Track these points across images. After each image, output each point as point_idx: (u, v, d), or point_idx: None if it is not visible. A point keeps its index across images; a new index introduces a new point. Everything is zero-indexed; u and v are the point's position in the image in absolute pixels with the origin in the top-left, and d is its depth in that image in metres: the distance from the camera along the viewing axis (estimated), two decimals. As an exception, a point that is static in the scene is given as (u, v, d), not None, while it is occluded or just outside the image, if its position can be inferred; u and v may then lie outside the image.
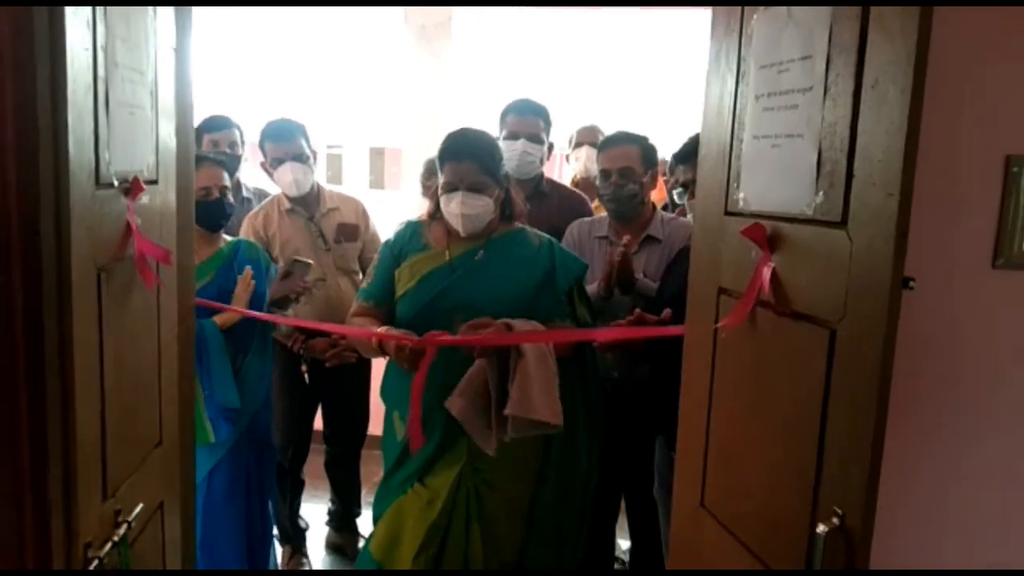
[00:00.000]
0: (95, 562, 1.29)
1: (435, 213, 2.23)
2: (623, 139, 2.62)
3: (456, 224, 2.14)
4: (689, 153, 2.10)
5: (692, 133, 2.18)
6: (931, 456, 1.31)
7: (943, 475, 1.32)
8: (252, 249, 2.66)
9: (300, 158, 2.93)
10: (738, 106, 1.38)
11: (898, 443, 1.18)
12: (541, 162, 2.94)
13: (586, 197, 3.07)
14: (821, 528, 1.11)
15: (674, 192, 2.37)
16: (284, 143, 2.93)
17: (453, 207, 2.12)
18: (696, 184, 1.61)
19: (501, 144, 2.91)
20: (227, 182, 2.51)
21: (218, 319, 2.44)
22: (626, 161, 2.54)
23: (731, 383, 1.43)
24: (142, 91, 1.50)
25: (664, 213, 2.71)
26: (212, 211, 2.46)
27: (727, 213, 1.42)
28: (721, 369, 1.46)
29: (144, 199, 1.46)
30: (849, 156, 1.08)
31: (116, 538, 1.38)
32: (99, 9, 1.26)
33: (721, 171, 1.43)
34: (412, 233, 2.28)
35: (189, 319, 1.91)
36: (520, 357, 1.94)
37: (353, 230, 3.08)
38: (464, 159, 2.12)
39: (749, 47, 1.34)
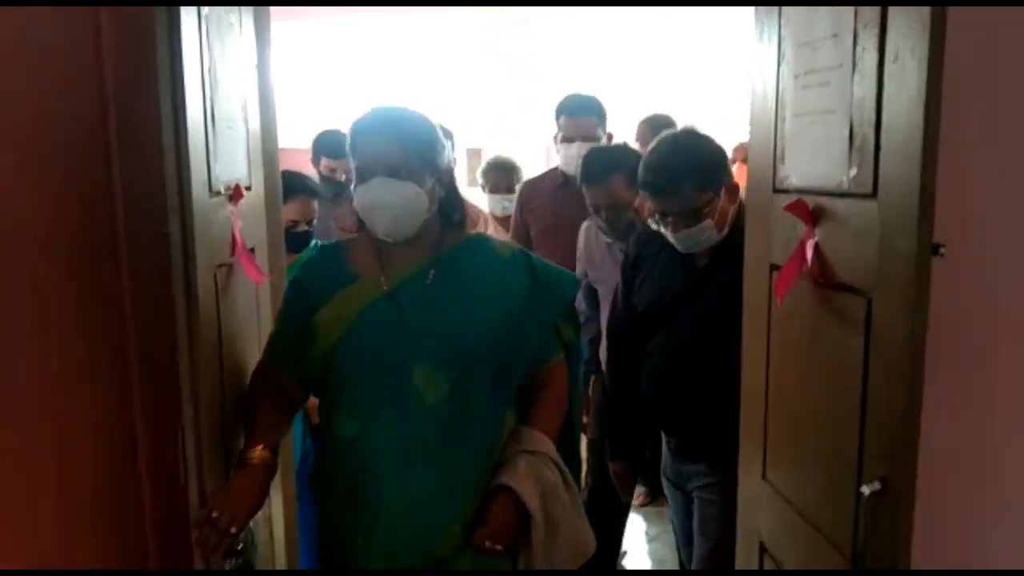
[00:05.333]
0: (232, 559, 1.41)
1: (357, 228, 1.59)
2: (605, 171, 2.39)
3: (376, 226, 1.50)
4: (653, 185, 1.90)
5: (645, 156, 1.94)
6: (975, 422, 1.31)
7: (987, 441, 1.31)
8: None
9: None
10: (780, 85, 1.40)
11: (942, 409, 1.19)
12: None
13: None
14: (865, 489, 1.14)
15: (651, 221, 2.07)
16: None
17: (367, 198, 1.49)
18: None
19: (559, 147, 2.86)
20: (316, 213, 2.57)
21: None
22: (613, 197, 2.39)
23: (785, 356, 1.46)
24: (236, 107, 1.67)
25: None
26: (295, 241, 2.52)
27: (775, 191, 1.45)
28: (776, 343, 1.49)
29: (242, 204, 1.62)
30: (876, 129, 1.10)
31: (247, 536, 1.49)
32: (204, 37, 1.42)
33: (768, 150, 1.46)
34: (328, 260, 1.62)
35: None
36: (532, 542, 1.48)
37: None
38: (383, 135, 1.49)
39: (788, 26, 1.37)
